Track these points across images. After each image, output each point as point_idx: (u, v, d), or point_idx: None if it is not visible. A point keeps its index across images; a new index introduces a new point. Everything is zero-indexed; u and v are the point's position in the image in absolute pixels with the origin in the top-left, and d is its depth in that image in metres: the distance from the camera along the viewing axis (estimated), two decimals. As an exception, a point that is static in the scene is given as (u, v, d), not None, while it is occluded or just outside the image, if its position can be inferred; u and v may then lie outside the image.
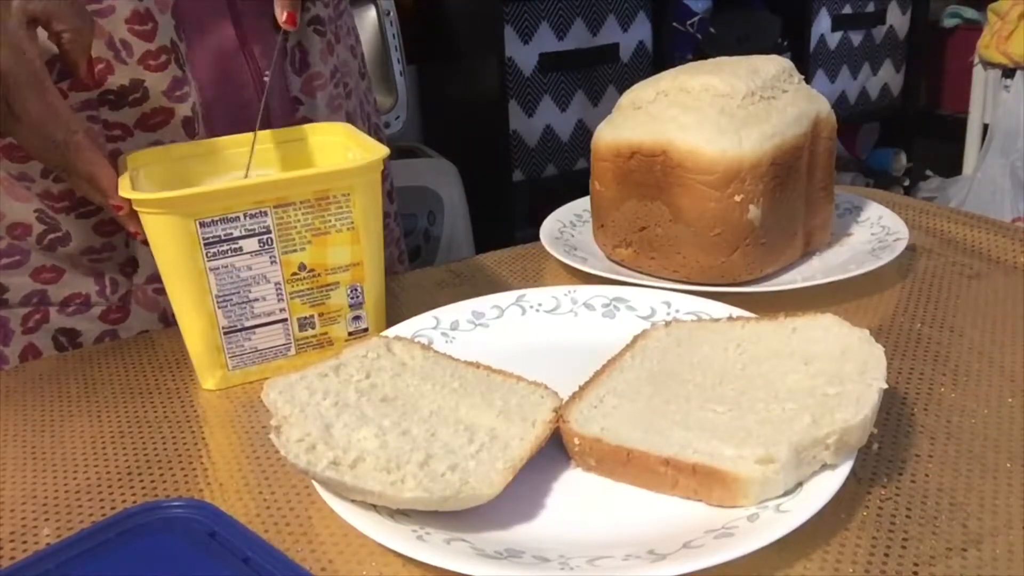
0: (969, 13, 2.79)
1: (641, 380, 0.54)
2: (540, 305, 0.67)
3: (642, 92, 0.75)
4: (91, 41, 0.62)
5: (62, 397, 0.63)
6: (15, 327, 0.73)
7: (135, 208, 0.58)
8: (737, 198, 0.68)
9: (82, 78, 0.62)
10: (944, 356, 0.62)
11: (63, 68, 0.63)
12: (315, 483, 0.47)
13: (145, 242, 0.60)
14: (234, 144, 0.69)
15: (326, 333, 0.64)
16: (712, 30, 2.44)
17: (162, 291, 0.75)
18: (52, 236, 0.70)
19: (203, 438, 0.58)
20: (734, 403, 0.50)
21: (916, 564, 0.43)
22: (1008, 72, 2.44)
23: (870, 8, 2.70)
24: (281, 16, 0.68)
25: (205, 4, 0.73)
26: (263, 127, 0.70)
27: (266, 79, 0.71)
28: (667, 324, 0.60)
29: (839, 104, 2.69)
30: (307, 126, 0.73)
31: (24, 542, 0.48)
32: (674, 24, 2.39)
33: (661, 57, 2.37)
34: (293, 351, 0.64)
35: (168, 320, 0.76)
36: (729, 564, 0.40)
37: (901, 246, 0.74)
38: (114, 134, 0.69)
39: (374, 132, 0.93)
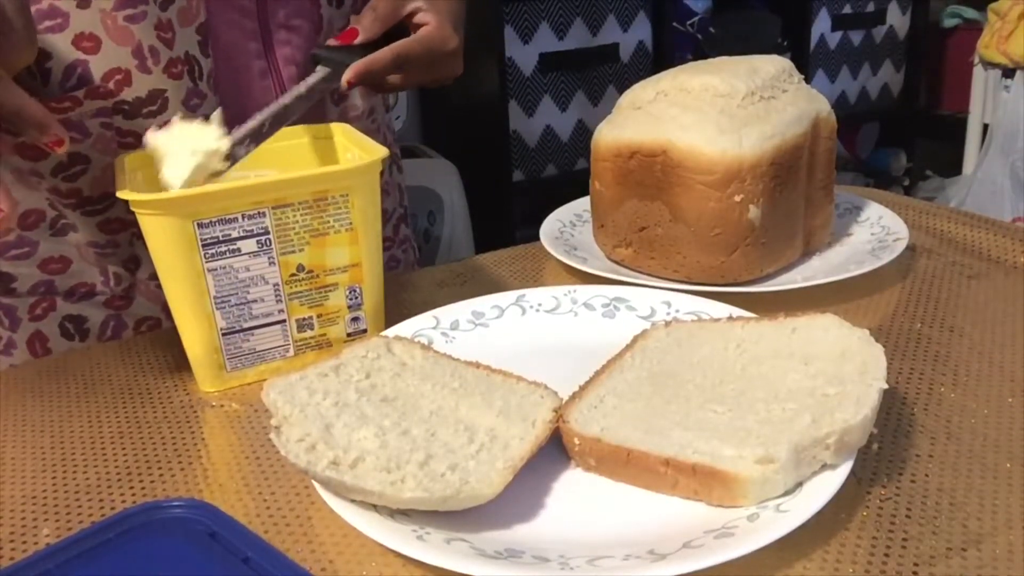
0: (969, 13, 2.79)
1: (641, 380, 0.54)
2: (540, 305, 0.67)
3: (642, 92, 0.75)
4: (16, 62, 0.55)
5: (62, 397, 0.63)
6: (22, 315, 0.74)
7: (133, 209, 0.58)
8: (737, 198, 0.68)
9: None
10: (944, 356, 0.62)
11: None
12: (315, 483, 0.47)
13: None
14: (233, 144, 0.69)
15: (325, 334, 0.64)
16: (712, 30, 2.44)
17: None
18: (63, 222, 0.72)
19: (203, 438, 0.58)
20: (734, 403, 0.50)
21: (916, 564, 0.43)
22: (1008, 72, 2.44)
23: (870, 8, 2.70)
24: (347, 76, 0.71)
25: (236, 27, 0.75)
26: None
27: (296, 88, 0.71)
28: (667, 324, 0.60)
29: (839, 104, 2.69)
30: (306, 126, 0.73)
31: (24, 542, 0.48)
32: (674, 24, 2.39)
33: (661, 57, 2.37)
34: (292, 352, 0.64)
35: (170, 312, 0.77)
36: (729, 564, 0.40)
37: (901, 246, 0.74)
38: (127, 141, 0.70)
39: (394, 161, 0.96)
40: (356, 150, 0.68)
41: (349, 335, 0.65)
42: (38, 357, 0.74)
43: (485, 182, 2.28)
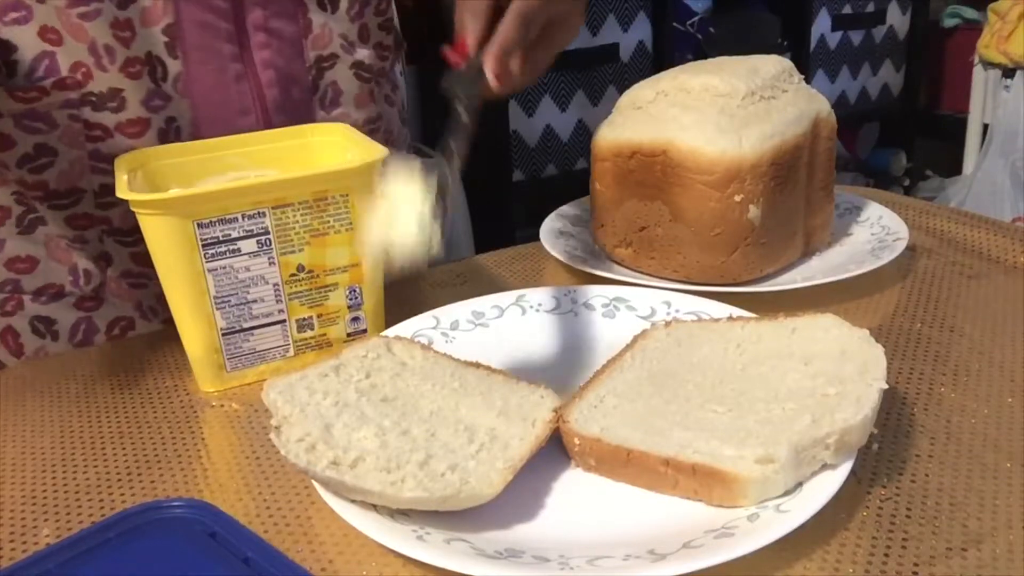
0: (969, 13, 2.79)
1: (641, 380, 0.54)
2: (540, 305, 0.67)
3: (642, 92, 0.75)
4: None
5: (62, 397, 0.63)
6: None
7: (133, 209, 0.58)
8: (737, 198, 0.68)
9: None
10: (944, 356, 0.62)
11: None
12: (315, 483, 0.47)
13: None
14: (232, 145, 0.69)
15: (325, 334, 0.64)
16: (712, 30, 2.44)
17: (137, 285, 0.75)
18: (32, 216, 0.71)
19: (203, 438, 0.58)
20: (734, 403, 0.50)
21: (916, 564, 0.43)
22: (1008, 72, 2.44)
23: (870, 8, 2.70)
24: (490, 81, 0.63)
25: (208, 29, 0.72)
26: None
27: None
28: (667, 324, 0.60)
29: (839, 104, 2.69)
30: (306, 126, 0.73)
31: (24, 542, 0.48)
32: (674, 24, 2.39)
33: (661, 57, 2.37)
34: (292, 352, 0.64)
35: (143, 310, 0.76)
36: (729, 564, 0.40)
37: (901, 246, 0.74)
38: (95, 134, 0.69)
39: None
40: (356, 150, 0.68)
41: (349, 335, 0.65)
42: (11, 350, 0.74)
43: (485, 182, 2.28)
